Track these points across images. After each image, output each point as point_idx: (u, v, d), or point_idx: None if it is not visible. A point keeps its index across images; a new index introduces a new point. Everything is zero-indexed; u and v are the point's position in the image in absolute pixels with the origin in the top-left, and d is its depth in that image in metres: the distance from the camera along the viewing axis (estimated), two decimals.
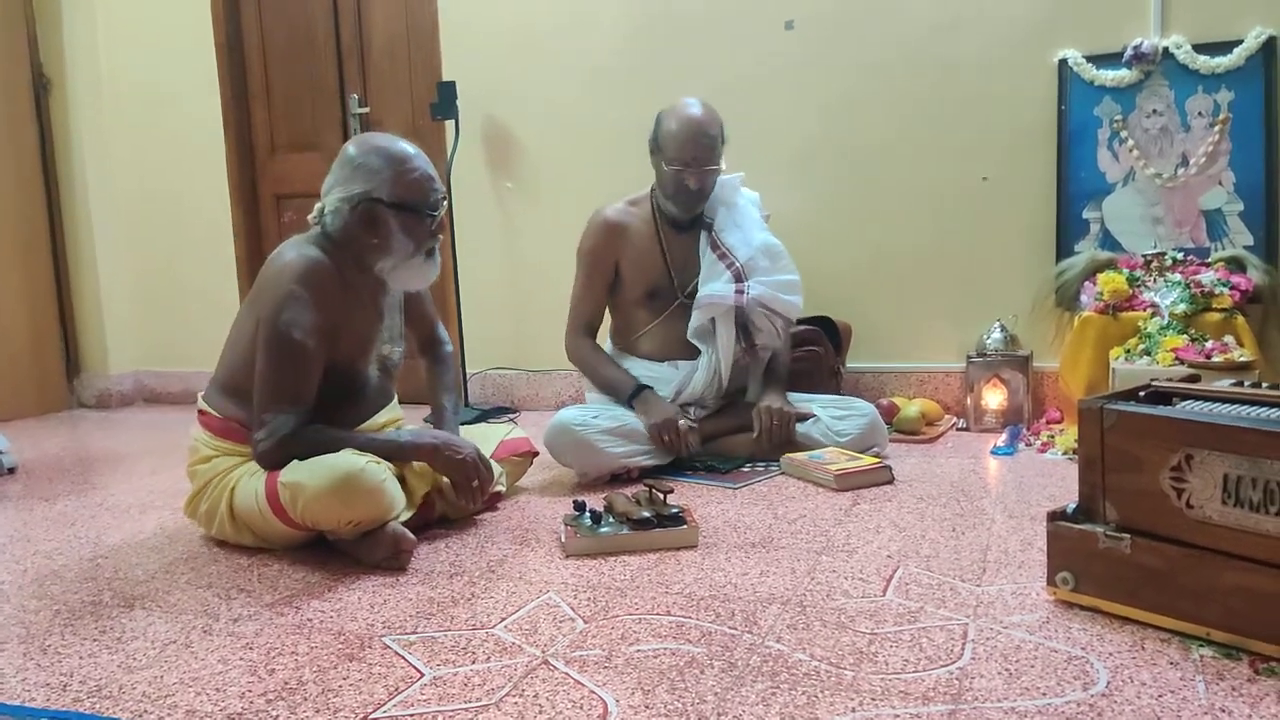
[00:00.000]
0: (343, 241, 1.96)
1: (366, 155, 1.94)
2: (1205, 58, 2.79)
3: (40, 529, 2.25)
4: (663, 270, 2.60)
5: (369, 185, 1.92)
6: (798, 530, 1.96)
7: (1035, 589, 1.56)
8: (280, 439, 1.85)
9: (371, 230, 1.94)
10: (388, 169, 1.93)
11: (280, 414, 1.85)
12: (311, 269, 1.88)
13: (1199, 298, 2.59)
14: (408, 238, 1.95)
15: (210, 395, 2.04)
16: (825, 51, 3.16)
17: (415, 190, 1.95)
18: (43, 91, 4.06)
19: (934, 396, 3.11)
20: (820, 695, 1.23)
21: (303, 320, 1.85)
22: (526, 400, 3.66)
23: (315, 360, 1.88)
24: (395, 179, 1.93)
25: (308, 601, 1.67)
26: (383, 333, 2.08)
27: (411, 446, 1.96)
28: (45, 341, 4.10)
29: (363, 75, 3.84)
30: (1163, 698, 1.19)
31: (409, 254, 1.96)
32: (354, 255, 1.97)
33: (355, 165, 1.94)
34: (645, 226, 2.61)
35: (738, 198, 2.64)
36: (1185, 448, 1.33)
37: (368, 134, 2.03)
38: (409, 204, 1.94)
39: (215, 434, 2.01)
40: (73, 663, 1.45)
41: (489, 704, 1.25)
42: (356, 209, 1.92)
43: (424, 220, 1.97)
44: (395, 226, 1.93)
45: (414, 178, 1.95)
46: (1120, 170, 2.90)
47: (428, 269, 2.02)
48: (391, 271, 1.98)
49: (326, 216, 1.96)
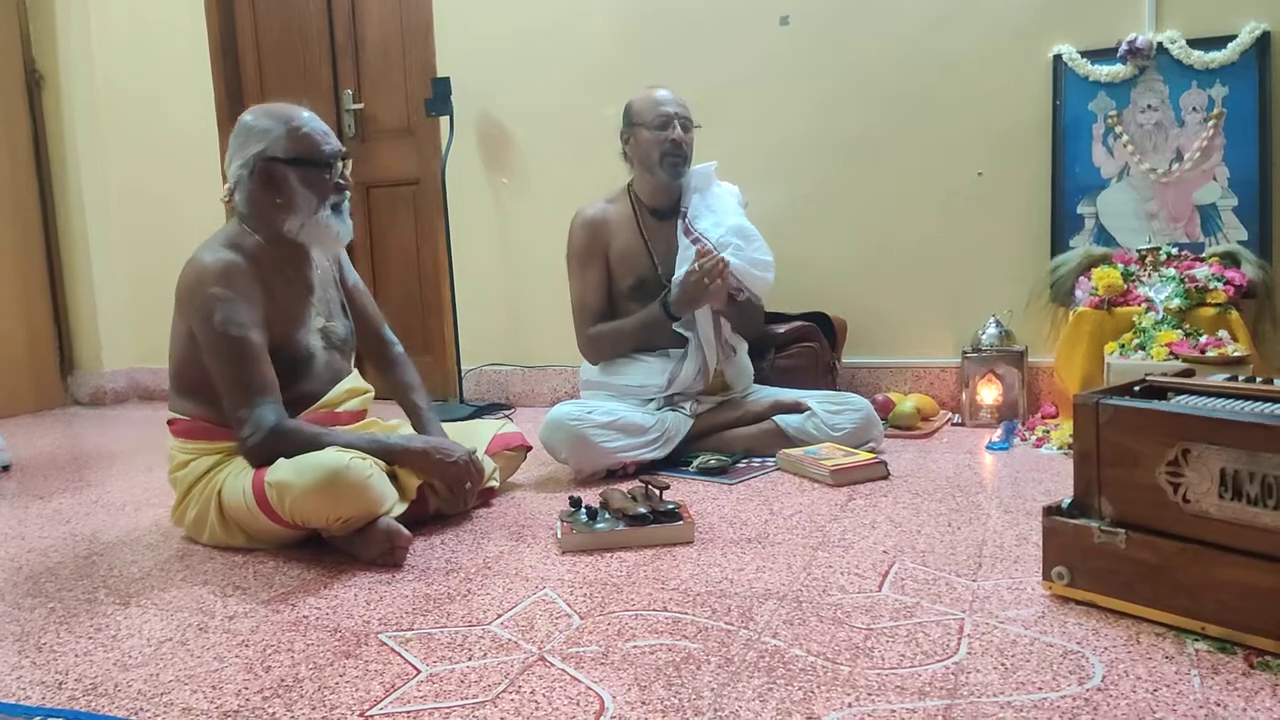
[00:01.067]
0: (252, 214, 2.00)
1: (257, 119, 1.98)
2: (1199, 53, 2.79)
3: (35, 526, 2.24)
4: (647, 261, 2.61)
5: (262, 145, 1.95)
6: (793, 526, 1.96)
7: (1031, 584, 1.57)
8: (266, 432, 1.85)
9: (273, 189, 1.97)
10: (279, 127, 1.96)
11: (255, 408, 1.86)
12: (224, 268, 1.91)
13: (1193, 293, 2.60)
14: (309, 191, 1.97)
15: (172, 402, 2.07)
16: (820, 47, 3.16)
17: (308, 143, 1.97)
18: (36, 87, 4.05)
19: (929, 392, 3.11)
20: (816, 690, 1.23)
21: (235, 316, 1.87)
22: (522, 396, 3.66)
23: (261, 349, 1.90)
24: (287, 135, 1.96)
25: (303, 599, 1.66)
26: (314, 305, 2.08)
27: (401, 450, 1.96)
28: (39, 338, 4.09)
29: (357, 71, 3.83)
30: (1158, 692, 1.19)
31: (313, 209, 1.98)
32: (263, 226, 1.99)
33: (248, 131, 1.97)
34: (626, 220, 2.64)
35: (714, 185, 2.65)
36: (1182, 442, 1.33)
37: (256, 105, 2.06)
38: (304, 158, 1.97)
39: (186, 437, 2.02)
40: (68, 660, 1.45)
41: (485, 700, 1.25)
42: (255, 172, 1.96)
43: (322, 172, 1.99)
44: (295, 182, 1.96)
45: (305, 132, 1.97)
46: (1115, 165, 2.91)
47: (338, 225, 2.02)
48: (301, 231, 2.00)
49: (235, 192, 2.00)
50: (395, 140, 3.81)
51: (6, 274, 3.95)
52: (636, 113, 2.60)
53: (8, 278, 3.95)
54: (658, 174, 2.58)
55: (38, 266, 4.08)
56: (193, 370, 1.96)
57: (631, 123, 2.61)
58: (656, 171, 2.58)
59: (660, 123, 2.55)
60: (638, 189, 2.66)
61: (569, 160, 3.47)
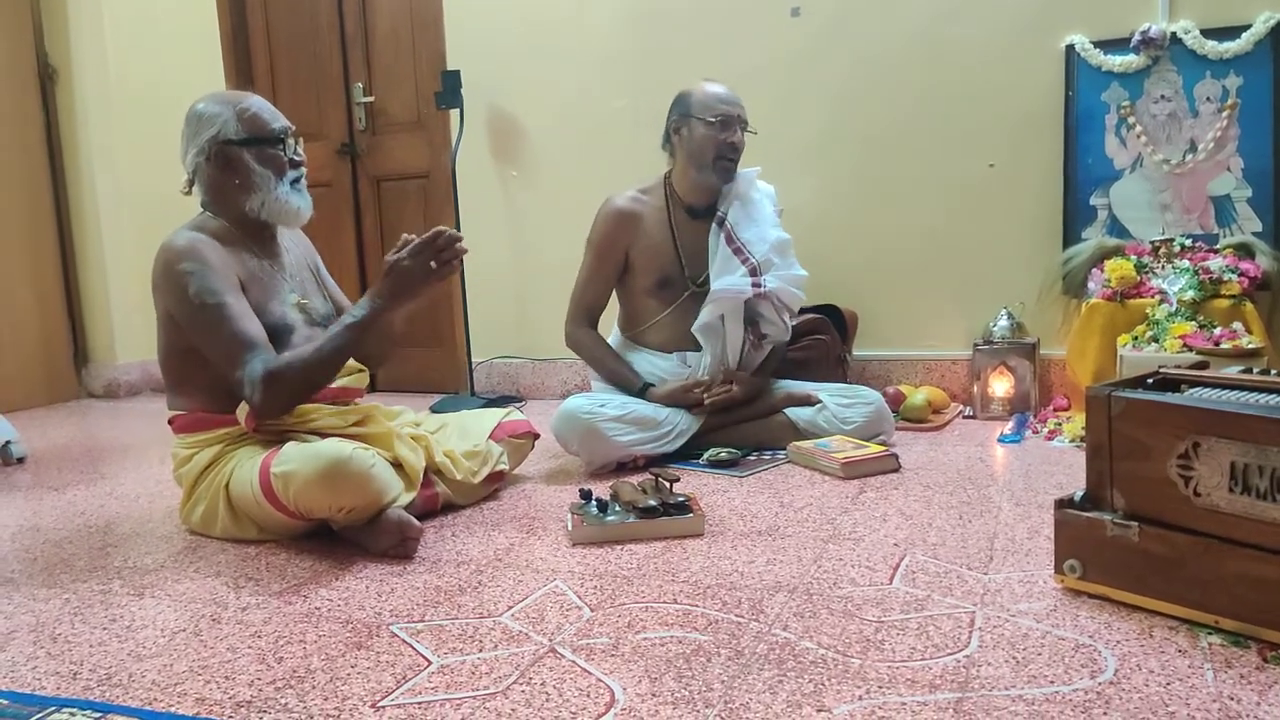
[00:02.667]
0: (214, 200, 2.04)
1: (207, 106, 2.02)
2: (1213, 43, 2.77)
3: (50, 518, 2.26)
4: (674, 259, 2.59)
5: (215, 130, 1.99)
6: (804, 518, 1.96)
7: (1042, 577, 1.56)
8: (260, 379, 1.85)
9: (230, 171, 2.01)
10: (227, 110, 2.00)
11: (245, 365, 1.87)
12: (192, 245, 1.94)
13: (1207, 284, 2.58)
14: (265, 169, 2.01)
15: (169, 399, 2.09)
16: (831, 40, 3.15)
17: (257, 122, 2.02)
18: (49, 81, 4.06)
19: (940, 384, 3.10)
20: (827, 683, 1.23)
21: (208, 283, 1.90)
22: (532, 389, 3.66)
23: (240, 310, 1.91)
24: (237, 117, 2.00)
25: (315, 590, 1.67)
26: (287, 281, 2.09)
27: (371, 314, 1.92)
28: (53, 332, 4.12)
29: (367, 64, 3.84)
30: (1171, 685, 1.19)
31: (271, 186, 2.02)
32: (226, 209, 2.03)
33: (199, 119, 2.02)
34: (658, 215, 2.60)
35: (753, 191, 2.62)
36: (1192, 435, 1.33)
37: (203, 96, 2.09)
38: (255, 136, 2.01)
39: (186, 431, 2.03)
40: (83, 651, 1.46)
41: (496, 692, 1.26)
42: (211, 157, 2.00)
43: (275, 148, 2.03)
44: (250, 161, 2.00)
45: (253, 112, 2.02)
46: (1128, 156, 2.89)
47: (298, 201, 2.06)
48: (263, 209, 2.03)
49: (194, 181, 2.04)
50: (405, 133, 3.82)
51: (21, 267, 3.97)
52: (696, 105, 2.52)
53: (22, 271, 3.98)
54: (707, 174, 2.53)
55: (51, 260, 4.10)
56: (178, 362, 1.99)
57: (688, 114, 2.53)
58: (706, 171, 2.52)
59: (721, 122, 2.49)
60: (676, 183, 2.61)
61: (579, 153, 3.46)
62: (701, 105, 2.52)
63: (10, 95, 3.93)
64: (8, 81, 3.92)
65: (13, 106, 3.94)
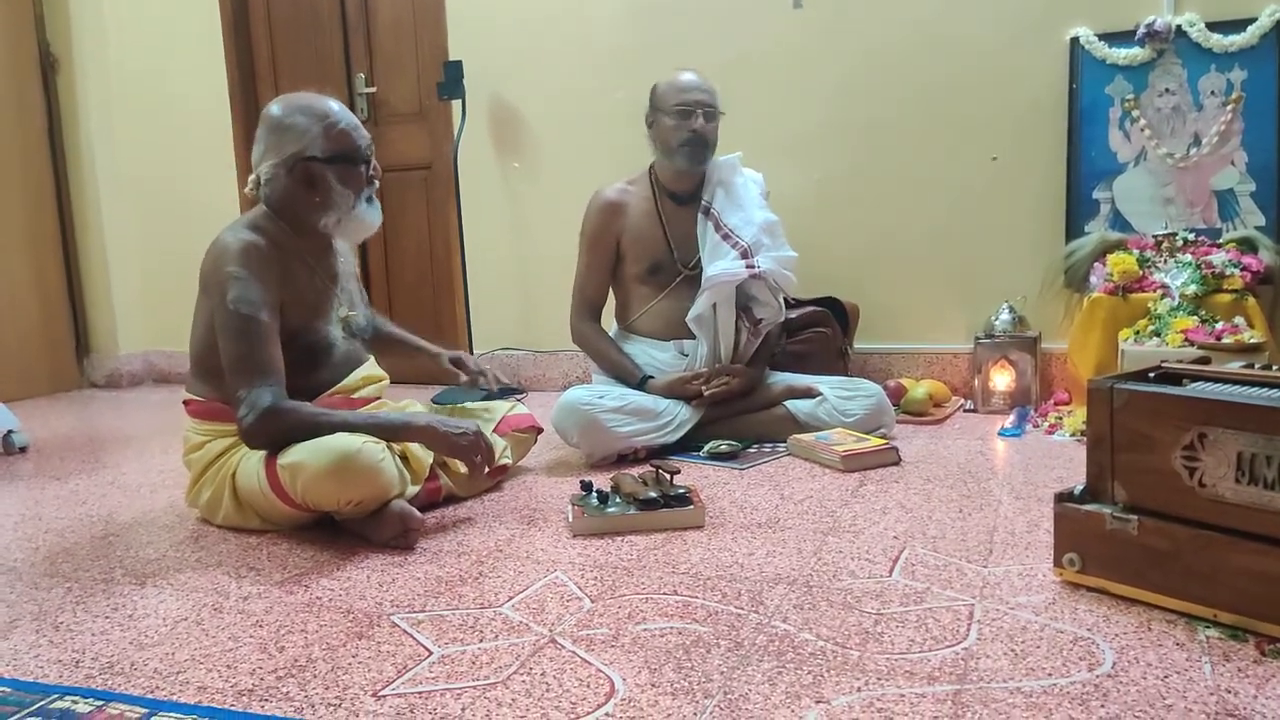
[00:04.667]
0: (282, 208, 2.00)
1: (292, 116, 1.97)
2: (1218, 36, 2.76)
3: (52, 507, 2.27)
4: (663, 245, 2.61)
5: (300, 145, 1.95)
6: (804, 511, 1.96)
7: (1042, 570, 1.56)
8: (262, 412, 1.83)
9: (311, 189, 1.97)
10: (315, 126, 1.96)
11: (253, 388, 1.85)
12: (246, 249, 1.91)
13: (1210, 279, 2.57)
14: (346, 189, 1.99)
15: (190, 383, 2.08)
16: (833, 30, 3.14)
17: (345, 141, 1.98)
18: (50, 70, 4.06)
19: (941, 378, 3.10)
20: (826, 675, 1.24)
21: (249, 295, 1.87)
22: (534, 380, 3.67)
23: (270, 331, 1.90)
24: (324, 134, 1.96)
25: (317, 580, 1.68)
26: (338, 295, 2.09)
27: (404, 427, 1.94)
28: (55, 321, 4.12)
29: (369, 54, 3.83)
30: (1168, 678, 1.19)
31: (350, 205, 2.00)
32: (295, 219, 2.00)
33: (283, 129, 1.96)
34: (644, 203, 2.63)
35: (735, 176, 2.64)
36: (1199, 426, 1.33)
37: (288, 95, 2.05)
38: (342, 155, 1.97)
39: (202, 418, 2.03)
40: (85, 640, 1.46)
41: (497, 682, 1.26)
42: (293, 171, 1.96)
43: (358, 168, 2.00)
44: (333, 180, 1.97)
45: (341, 129, 1.98)
46: (1131, 150, 2.88)
47: (370, 215, 2.05)
48: (337, 226, 2.02)
49: (264, 186, 1.99)
50: (407, 124, 3.81)
51: (22, 257, 3.97)
52: (660, 97, 2.59)
53: (24, 261, 3.97)
54: (677, 160, 2.57)
55: (53, 250, 4.10)
56: (212, 352, 1.95)
57: (655, 106, 2.61)
58: (675, 158, 2.57)
59: (681, 112, 2.53)
60: (659, 172, 2.65)
61: (581, 144, 3.46)
62: (663, 98, 2.59)
63: (11, 85, 3.92)
64: (9, 71, 3.91)
65: (14, 96, 3.93)
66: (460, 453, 1.96)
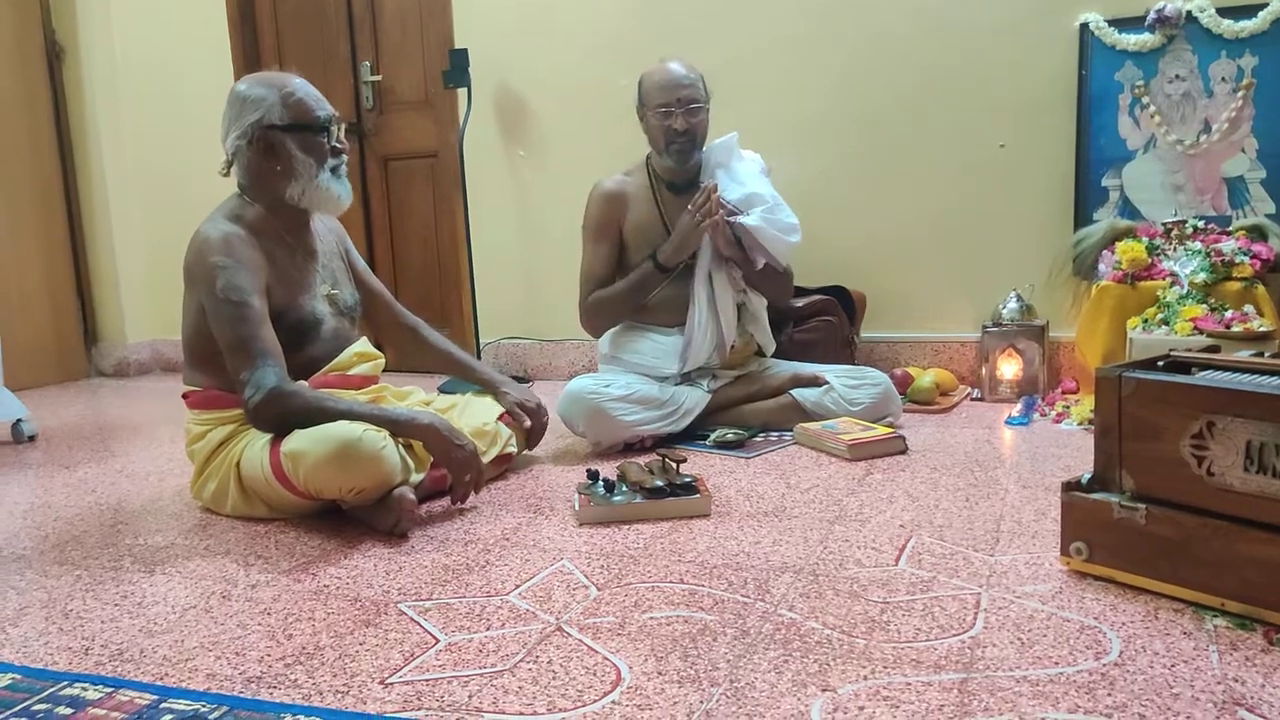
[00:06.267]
0: (251, 184, 2.03)
1: (251, 88, 2.01)
2: (1229, 21, 2.74)
3: (61, 495, 2.28)
4: (663, 234, 2.59)
5: (259, 114, 1.98)
6: (810, 499, 1.96)
7: (1049, 559, 1.56)
8: (269, 391, 1.85)
9: (273, 157, 1.99)
10: (272, 95, 1.99)
11: (255, 370, 1.86)
12: (224, 238, 1.94)
13: (1219, 267, 2.56)
14: (308, 156, 2.00)
15: (186, 375, 2.09)
16: (839, 16, 3.12)
17: (302, 108, 2.00)
18: (56, 60, 4.06)
19: (949, 366, 3.09)
20: (832, 663, 1.24)
21: (237, 282, 1.90)
22: (540, 370, 3.67)
23: (262, 315, 1.92)
24: (282, 102, 1.99)
25: (324, 568, 1.68)
26: (319, 271, 2.10)
27: (407, 423, 1.93)
28: (63, 310, 4.13)
29: (374, 43, 3.82)
30: (1176, 667, 1.19)
31: (313, 173, 2.01)
32: (264, 195, 2.02)
33: (243, 101, 2.00)
34: (643, 192, 2.62)
35: (734, 159, 2.62)
36: (1207, 414, 1.32)
37: (246, 76, 2.07)
38: (300, 123, 2.00)
39: (200, 408, 2.04)
40: (94, 627, 1.47)
41: (504, 670, 1.26)
42: (253, 141, 1.98)
43: (319, 136, 2.01)
44: (293, 147, 1.99)
45: (298, 97, 2.01)
46: (1141, 137, 2.86)
47: (338, 188, 2.05)
48: (303, 197, 2.02)
49: (233, 163, 2.03)
50: (413, 112, 3.80)
51: (30, 246, 3.98)
52: (645, 93, 2.57)
53: (31, 250, 3.99)
54: (665, 160, 2.56)
55: (60, 239, 4.11)
56: (203, 342, 1.98)
57: (642, 101, 2.58)
58: (664, 156, 2.56)
59: (664, 112, 2.50)
60: (654, 162, 2.64)
61: (586, 131, 3.45)
62: (648, 95, 2.55)
63: (18, 74, 3.93)
64: (15, 61, 3.92)
65: (21, 86, 3.94)
66: (454, 465, 1.93)
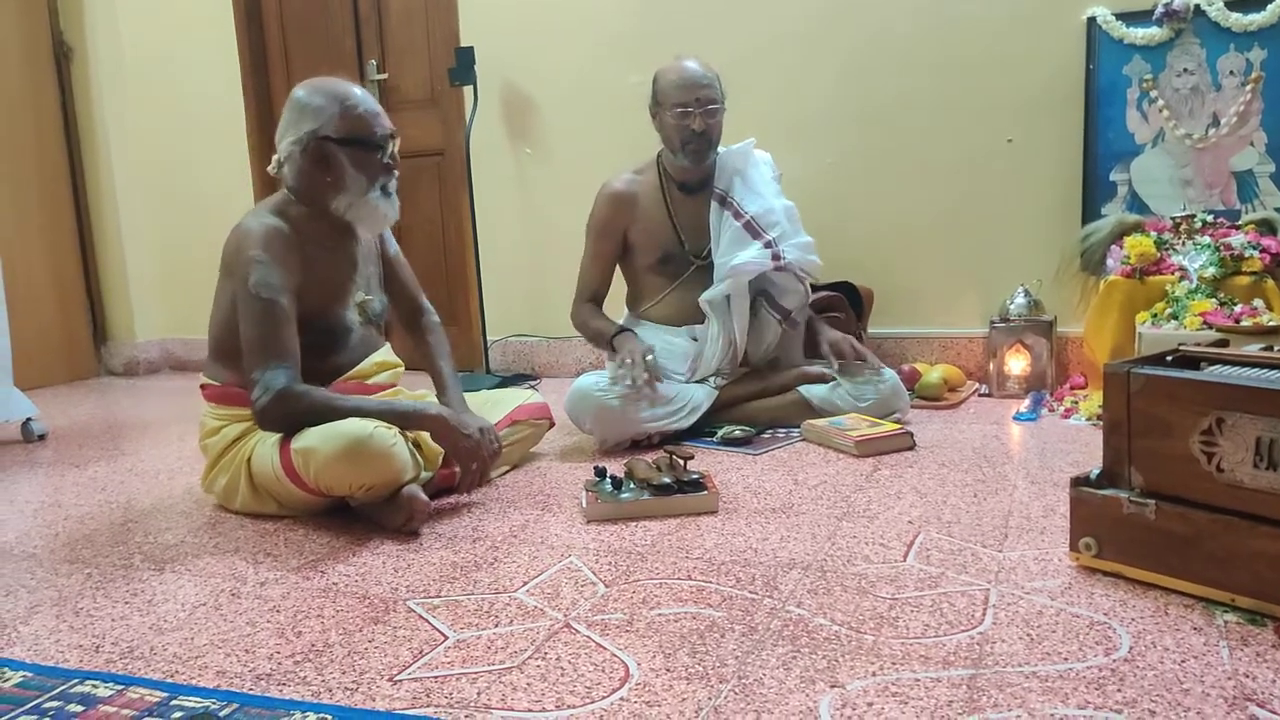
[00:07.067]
0: (301, 189, 2.00)
1: (311, 96, 1.97)
2: (1238, 15, 2.72)
3: (71, 494, 2.29)
4: (673, 236, 2.59)
5: (316, 124, 1.95)
6: (818, 496, 1.96)
7: (1057, 555, 1.56)
8: (276, 393, 1.84)
9: (324, 168, 1.97)
10: (333, 106, 1.96)
11: (268, 370, 1.86)
12: (268, 234, 1.92)
13: (1228, 261, 2.55)
14: (360, 172, 1.97)
15: (207, 367, 2.09)
16: (845, 11, 3.11)
17: (361, 124, 1.97)
18: (64, 59, 4.07)
19: (956, 362, 3.09)
20: (841, 659, 1.24)
21: (270, 279, 1.88)
22: (547, 367, 3.67)
23: (289, 316, 1.90)
24: (341, 115, 1.96)
25: (333, 566, 1.69)
26: (357, 280, 2.10)
27: (415, 414, 1.94)
28: (72, 309, 4.15)
29: (380, 41, 3.82)
30: (1185, 663, 1.19)
31: (363, 190, 1.98)
32: (312, 201, 2.00)
33: (302, 108, 1.97)
34: (653, 193, 2.61)
35: (750, 166, 2.61)
36: (1217, 411, 1.32)
37: (311, 79, 2.04)
38: (357, 138, 1.97)
39: (218, 402, 2.04)
40: (105, 625, 1.48)
41: (512, 666, 1.27)
42: (307, 150, 1.96)
43: (374, 154, 1.99)
44: (346, 162, 1.96)
45: (359, 113, 1.97)
46: (1149, 131, 2.85)
47: (386, 207, 2.03)
48: (349, 210, 2.00)
49: (284, 166, 1.99)
50: (419, 110, 3.80)
51: (39, 246, 3.99)
52: (660, 92, 2.55)
53: (40, 250, 4.00)
54: (680, 160, 2.55)
55: (69, 238, 4.13)
56: (231, 336, 1.96)
57: (656, 100, 2.57)
58: (679, 158, 2.55)
59: (681, 113, 2.49)
60: (666, 163, 2.63)
61: (593, 129, 3.45)
62: (664, 94, 2.54)
63: (26, 73, 3.94)
64: (23, 60, 3.93)
65: (28, 85, 3.95)
66: (461, 454, 1.95)
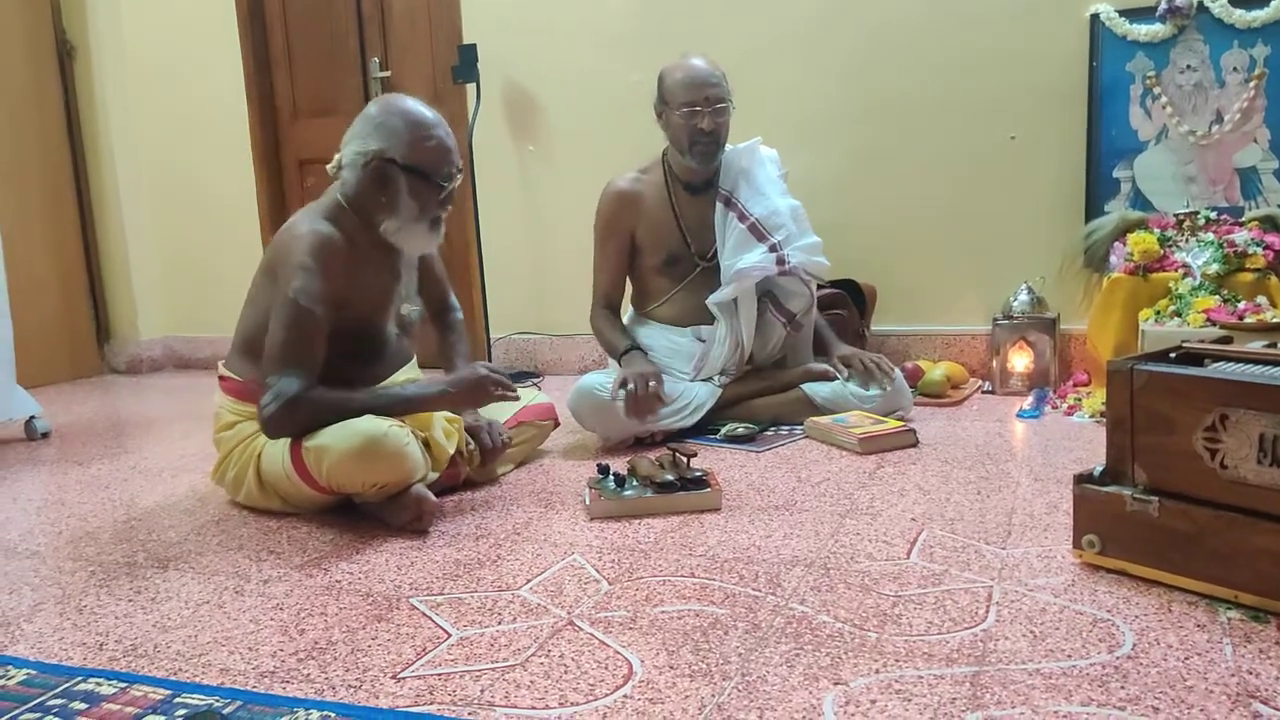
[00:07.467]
0: (353, 198, 1.98)
1: (389, 115, 1.95)
2: (1241, 11, 2.72)
3: (74, 492, 2.29)
4: (678, 236, 2.59)
5: (385, 144, 1.93)
6: (821, 493, 1.96)
7: (1061, 552, 1.56)
8: (286, 400, 1.83)
9: (381, 188, 1.95)
10: (407, 132, 1.93)
11: (284, 376, 1.85)
12: (320, 242, 1.90)
13: (1232, 258, 2.55)
14: (414, 201, 1.95)
15: (230, 360, 2.08)
16: (848, 9, 3.11)
17: (430, 157, 1.95)
18: (67, 58, 4.07)
19: (959, 359, 3.08)
20: (844, 656, 1.24)
21: (311, 288, 1.87)
22: (550, 365, 3.67)
23: (320, 327, 1.89)
24: (412, 142, 1.93)
25: (336, 563, 1.69)
26: (400, 291, 2.10)
27: (420, 399, 1.95)
28: (76, 307, 4.15)
29: (383, 39, 3.82)
30: (1189, 660, 1.19)
31: (413, 219, 1.97)
32: (363, 212, 1.99)
33: (377, 123, 1.95)
34: (658, 193, 2.60)
35: (755, 165, 2.60)
36: (1220, 407, 1.31)
37: (396, 95, 2.03)
38: (421, 169, 1.95)
39: (237, 398, 2.03)
40: (108, 623, 1.48)
41: (515, 664, 1.27)
42: (369, 165, 1.94)
43: (433, 188, 1.97)
44: (404, 188, 1.94)
45: (431, 145, 1.95)
46: (1153, 128, 2.84)
47: (430, 237, 2.03)
48: (395, 233, 1.99)
49: (344, 170, 1.98)
50: None
51: (42, 244, 4.00)
52: (668, 91, 2.52)
53: (43, 248, 4.00)
54: (688, 160, 2.53)
55: (72, 237, 4.13)
56: (264, 334, 1.93)
57: (663, 99, 2.54)
58: (687, 158, 2.53)
59: (689, 112, 2.47)
60: (672, 162, 2.61)
61: (596, 127, 3.45)
62: (671, 93, 2.51)
63: (29, 72, 3.95)
64: (27, 59, 3.93)
65: (32, 83, 3.96)
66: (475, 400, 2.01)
